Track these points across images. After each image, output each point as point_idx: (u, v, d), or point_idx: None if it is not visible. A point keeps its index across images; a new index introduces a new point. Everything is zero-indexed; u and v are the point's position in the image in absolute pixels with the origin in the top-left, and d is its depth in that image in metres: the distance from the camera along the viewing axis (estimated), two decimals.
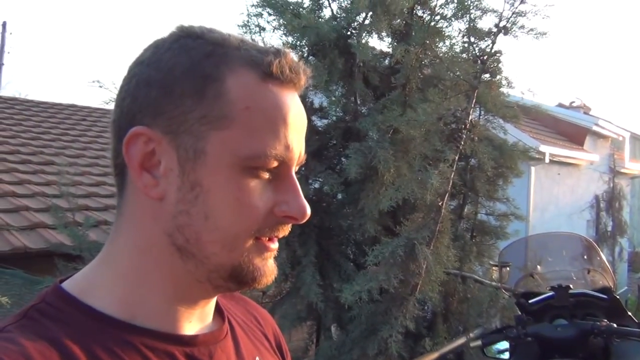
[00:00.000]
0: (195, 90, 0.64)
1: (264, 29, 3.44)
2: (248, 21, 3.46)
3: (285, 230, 0.69)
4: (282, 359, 0.87)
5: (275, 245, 0.69)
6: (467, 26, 3.08)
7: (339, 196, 3.43)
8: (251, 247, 0.66)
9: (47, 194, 4.84)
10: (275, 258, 0.71)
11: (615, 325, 2.26)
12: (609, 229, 11.24)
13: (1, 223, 3.97)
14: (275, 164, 0.65)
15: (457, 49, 3.31)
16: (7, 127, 6.86)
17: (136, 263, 0.67)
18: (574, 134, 12.06)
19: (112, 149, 0.69)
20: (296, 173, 0.70)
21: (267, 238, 0.67)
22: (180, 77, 0.64)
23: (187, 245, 0.65)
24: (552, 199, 10.51)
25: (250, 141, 0.63)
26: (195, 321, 0.71)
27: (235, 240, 0.65)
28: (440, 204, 2.76)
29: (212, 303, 0.74)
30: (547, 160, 9.37)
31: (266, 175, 0.65)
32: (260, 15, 3.39)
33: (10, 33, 25.67)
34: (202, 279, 0.67)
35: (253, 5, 3.46)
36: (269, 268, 0.69)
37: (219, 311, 0.77)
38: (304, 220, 0.68)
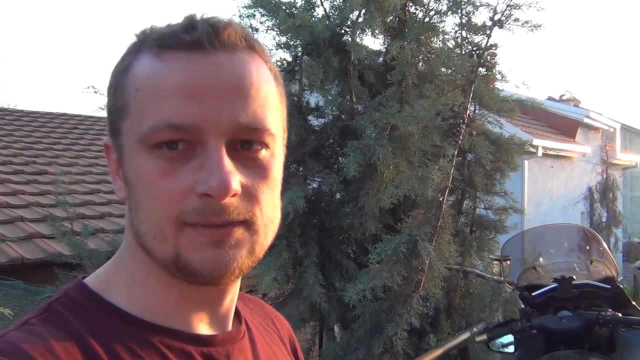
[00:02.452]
0: (115, 89, 0.65)
1: (257, 30, 3.42)
2: (240, 22, 3.44)
3: (227, 213, 0.60)
4: None
5: (221, 232, 0.60)
6: (462, 21, 3.08)
7: (338, 195, 3.42)
8: (182, 236, 0.60)
9: (42, 203, 4.79)
10: (232, 247, 0.61)
11: (620, 314, 2.27)
12: (604, 219, 11.31)
13: None
14: (173, 135, 0.59)
15: (452, 44, 3.30)
16: None
17: (130, 265, 0.68)
18: (566, 127, 12.12)
19: None
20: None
21: (203, 225, 0.60)
22: (111, 80, 0.66)
23: (139, 241, 0.64)
24: (546, 192, 10.56)
25: (141, 120, 0.61)
26: (210, 323, 0.70)
27: (161, 229, 0.61)
28: (441, 199, 2.76)
29: (226, 306, 0.71)
30: (540, 154, 9.41)
31: (176, 154, 0.60)
32: (252, 16, 3.37)
33: None
34: (170, 273, 0.63)
35: (245, 7, 3.45)
36: (212, 260, 0.60)
37: (236, 313, 0.75)
38: (227, 196, 0.59)
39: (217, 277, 0.62)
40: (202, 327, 0.69)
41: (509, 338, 2.53)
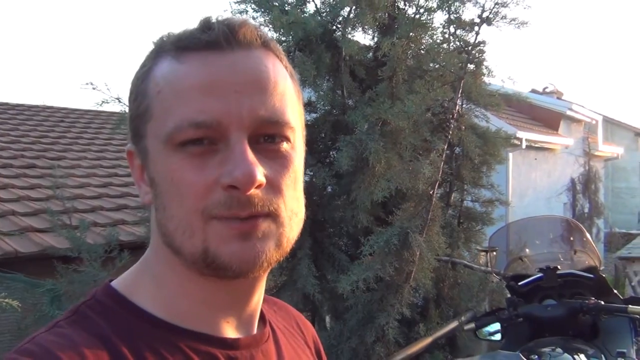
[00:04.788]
0: (136, 96, 0.67)
1: None
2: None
3: (252, 205, 0.60)
4: None
5: (247, 224, 0.61)
6: (451, 18, 3.15)
7: (330, 189, 3.48)
8: (210, 230, 0.61)
9: (33, 197, 4.79)
10: (260, 239, 0.61)
11: (602, 302, 2.35)
12: (586, 210, 11.49)
13: None
14: (197, 133, 0.60)
15: (440, 39, 3.37)
16: None
17: (158, 267, 0.68)
18: (549, 119, 12.26)
19: None
20: (277, 140, 0.63)
21: (230, 217, 0.60)
22: (132, 88, 0.68)
23: (167, 241, 0.64)
24: (530, 183, 10.71)
25: (165, 121, 0.62)
26: (237, 324, 0.70)
27: (189, 224, 0.61)
28: (431, 192, 2.84)
29: (252, 307, 0.71)
30: (524, 146, 9.52)
31: (199, 149, 0.61)
32: (245, 12, 3.41)
33: None
34: (196, 271, 0.64)
35: (237, 2, 3.48)
36: (240, 252, 0.61)
37: (260, 316, 0.75)
38: (250, 186, 0.59)
39: (246, 270, 0.62)
40: (228, 329, 0.69)
41: (496, 326, 2.60)
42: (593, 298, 2.39)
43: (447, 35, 3.38)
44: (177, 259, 0.64)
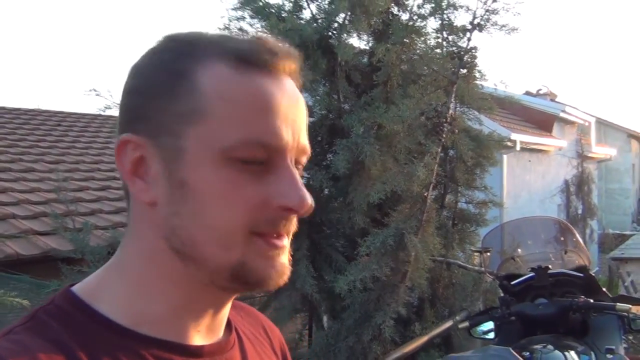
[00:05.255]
0: (168, 89, 0.64)
1: (246, 32, 3.52)
2: (229, 25, 3.55)
3: (289, 225, 0.64)
4: None
5: (282, 242, 0.64)
6: (443, 24, 3.23)
7: (326, 191, 3.55)
8: (250, 245, 0.62)
9: (32, 201, 4.85)
10: (286, 256, 0.65)
11: (592, 301, 2.42)
12: (579, 212, 11.60)
13: None
14: (261, 153, 0.62)
15: (433, 44, 3.45)
16: None
17: (140, 271, 0.66)
18: (543, 121, 12.36)
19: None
20: (299, 165, 0.66)
21: (270, 235, 0.63)
22: (154, 80, 0.65)
23: (183, 248, 0.63)
24: (524, 185, 10.80)
25: (227, 132, 0.61)
26: (205, 331, 0.69)
27: (230, 238, 0.62)
28: (425, 194, 2.91)
29: (224, 313, 0.71)
30: (518, 148, 9.61)
31: (255, 167, 0.62)
32: (242, 18, 3.48)
33: None
34: (206, 281, 0.64)
35: (234, 9, 3.55)
36: (275, 268, 0.64)
37: (227, 322, 0.74)
38: (305, 210, 0.63)
39: (279, 284, 0.64)
40: (195, 335, 0.68)
41: (490, 325, 2.67)
42: (583, 296, 2.45)
43: (440, 41, 3.46)
44: (182, 267, 0.64)
